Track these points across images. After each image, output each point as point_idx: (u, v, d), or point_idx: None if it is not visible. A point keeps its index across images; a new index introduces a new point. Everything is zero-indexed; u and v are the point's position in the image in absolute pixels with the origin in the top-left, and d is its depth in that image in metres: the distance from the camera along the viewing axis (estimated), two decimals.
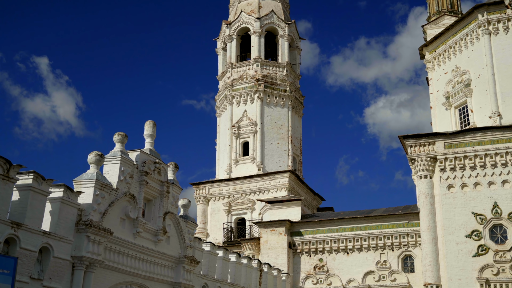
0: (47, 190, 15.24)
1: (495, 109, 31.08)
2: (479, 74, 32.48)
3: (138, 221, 18.92)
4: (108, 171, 18.47)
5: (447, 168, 30.48)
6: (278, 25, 44.92)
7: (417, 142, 31.20)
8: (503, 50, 31.96)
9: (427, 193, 30.50)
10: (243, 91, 42.87)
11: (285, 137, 42.38)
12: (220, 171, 42.69)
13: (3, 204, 13.75)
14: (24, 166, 14.30)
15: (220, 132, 44.02)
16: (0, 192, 13.65)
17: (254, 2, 45.74)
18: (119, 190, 18.25)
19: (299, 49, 46.79)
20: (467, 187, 29.96)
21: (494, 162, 29.68)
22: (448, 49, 34.68)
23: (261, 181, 40.01)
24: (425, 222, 30.15)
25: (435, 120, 35.01)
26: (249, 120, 42.04)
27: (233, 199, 40.50)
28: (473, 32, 33.18)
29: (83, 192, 16.83)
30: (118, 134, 18.98)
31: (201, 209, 41.34)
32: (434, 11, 40.83)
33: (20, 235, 14.04)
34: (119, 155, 18.56)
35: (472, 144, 30.24)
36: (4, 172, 13.70)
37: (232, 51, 44.78)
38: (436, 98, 35.15)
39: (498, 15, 32.46)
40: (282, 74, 43.88)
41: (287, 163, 41.58)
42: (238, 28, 45.07)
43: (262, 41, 44.36)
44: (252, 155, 41.21)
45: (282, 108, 43.07)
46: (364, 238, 32.75)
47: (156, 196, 20.47)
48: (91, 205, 16.81)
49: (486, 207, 29.23)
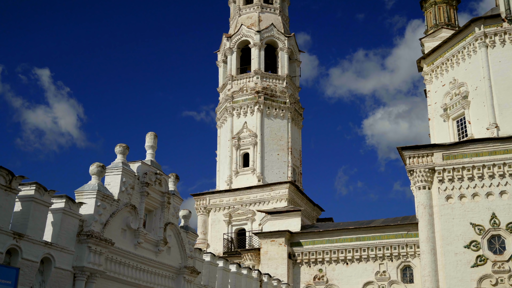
0: (49, 201, 15.21)
1: (492, 120, 31.10)
2: (476, 86, 32.54)
3: (139, 232, 18.86)
4: (109, 182, 18.44)
5: (445, 179, 30.44)
6: (277, 38, 45.06)
7: (416, 153, 31.18)
8: (500, 63, 32.03)
9: (425, 204, 30.44)
10: (243, 103, 42.91)
11: (285, 149, 42.37)
12: (221, 182, 42.64)
13: (5, 215, 13.71)
14: (27, 177, 14.28)
15: (221, 143, 44.01)
16: (2, 203, 13.62)
17: (254, 15, 45.92)
18: (120, 201, 18.21)
19: (298, 61, 46.91)
20: (465, 198, 29.90)
21: (492, 173, 29.65)
22: (446, 61, 34.77)
23: (261, 192, 39.93)
24: (424, 232, 30.06)
25: (433, 132, 35.02)
26: (249, 132, 42.05)
27: (234, 209, 40.40)
28: (470, 45, 33.29)
29: (85, 203, 16.80)
30: (119, 146, 18.97)
31: (202, 220, 41.23)
32: (432, 24, 40.99)
33: (22, 246, 13.99)
34: (121, 166, 18.54)
35: (470, 155, 30.23)
36: (7, 183, 13.67)
37: (233, 64, 44.89)
38: (434, 110, 35.18)
39: (495, 28, 32.58)
40: (281, 86, 43.95)
41: (287, 174, 41.53)
42: (238, 41, 45.21)
43: (262, 53, 44.48)
44: (252, 166, 41.18)
45: (282, 120, 43.10)
46: (363, 248, 32.64)
47: (157, 207, 20.43)
48: (92, 216, 16.76)
49: (484, 217, 29.16)
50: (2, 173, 13.53)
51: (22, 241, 14.00)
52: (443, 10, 41.33)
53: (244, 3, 47.19)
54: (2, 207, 13.61)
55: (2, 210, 13.59)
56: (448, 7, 41.42)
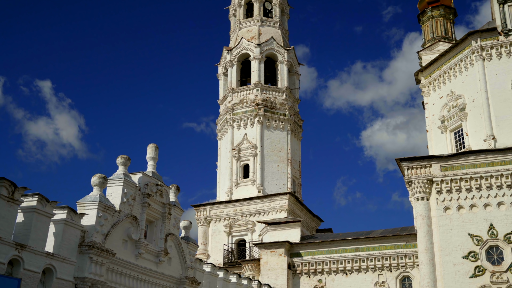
0: (51, 212, 15.19)
1: (489, 132, 31.12)
2: (473, 99, 32.59)
3: (140, 243, 18.81)
4: (111, 193, 18.42)
5: (443, 190, 30.40)
6: (277, 51, 45.22)
7: (414, 164, 31.17)
8: (496, 75, 32.11)
9: (424, 214, 30.37)
10: (244, 115, 42.96)
11: (285, 160, 42.35)
12: (221, 193, 42.58)
13: (7, 226, 13.69)
14: (29, 189, 14.27)
15: (221, 155, 44.00)
16: (4, 214, 13.59)
17: (254, 29, 46.10)
18: (121, 212, 18.18)
19: (298, 74, 47.03)
20: (463, 209, 29.85)
21: (489, 185, 29.62)
22: (443, 74, 34.85)
23: (261, 203, 39.87)
24: (422, 243, 29.97)
25: (431, 143, 35.03)
26: (249, 143, 42.05)
27: (234, 220, 40.32)
28: (467, 58, 33.39)
29: (87, 214, 16.77)
30: (121, 157, 18.97)
31: (202, 231, 41.13)
32: (429, 38, 41.18)
33: (24, 257, 13.94)
34: (122, 177, 18.53)
35: (467, 166, 30.22)
36: (9, 194, 13.66)
37: (233, 76, 45.01)
38: (431, 121, 35.22)
39: (491, 42, 32.69)
40: (281, 99, 44.03)
41: (287, 185, 41.49)
42: (238, 54, 45.36)
43: (262, 66, 44.61)
44: (252, 178, 41.13)
45: (281, 132, 43.12)
46: (362, 259, 32.54)
47: (158, 217, 20.39)
48: (94, 226, 16.73)
49: (482, 228, 29.08)
50: (4, 184, 13.52)
51: (24, 252, 13.95)
52: (440, 23, 41.54)
53: (244, 17, 47.40)
54: (5, 218, 13.58)
55: (4, 221, 13.56)
56: (445, 21, 41.65)
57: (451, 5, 42.61)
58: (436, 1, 42.14)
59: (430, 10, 41.82)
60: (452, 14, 42.34)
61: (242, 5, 47.60)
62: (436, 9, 41.81)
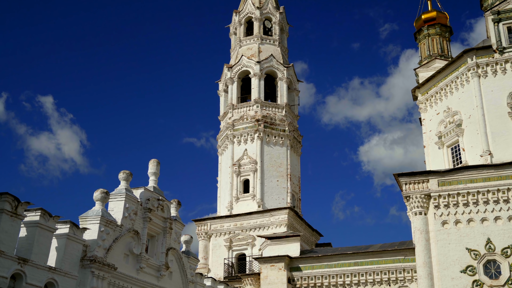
0: (53, 227, 15.14)
1: (486, 148, 31.13)
2: (469, 115, 32.65)
3: (142, 257, 18.72)
4: (113, 208, 18.39)
5: (441, 205, 30.33)
6: (277, 68, 45.38)
7: (412, 179, 31.13)
8: (492, 92, 32.21)
9: (422, 229, 30.26)
10: (244, 130, 42.98)
11: (284, 175, 42.28)
12: (221, 208, 42.46)
13: (10, 240, 13.63)
14: (32, 203, 14.25)
15: (222, 170, 43.94)
16: (8, 228, 13.54)
17: (254, 46, 46.31)
18: (123, 227, 18.12)
19: (297, 91, 47.14)
20: (461, 224, 29.75)
21: (486, 199, 29.55)
22: (440, 91, 34.97)
23: (261, 218, 39.72)
24: (420, 257, 29.81)
25: (428, 159, 35.02)
26: (249, 159, 42.02)
27: (234, 235, 40.15)
28: (463, 75, 33.52)
29: (89, 228, 16.72)
30: (123, 172, 18.96)
31: (203, 245, 40.95)
32: (426, 55, 41.39)
33: (26, 271, 13.86)
34: (124, 192, 18.50)
35: (464, 181, 30.18)
36: (13, 209, 13.62)
37: (233, 93, 45.12)
38: (429, 137, 35.25)
39: (487, 59, 32.85)
40: (281, 115, 44.09)
41: (286, 200, 41.37)
42: (239, 71, 45.52)
43: (262, 83, 44.73)
44: (252, 192, 41.04)
45: (281, 147, 43.10)
46: (361, 273, 32.33)
47: (159, 232, 20.32)
48: (96, 241, 16.66)
49: (479, 243, 28.96)
50: (8, 199, 13.49)
51: (26, 266, 13.88)
52: (436, 41, 41.79)
53: (245, 35, 47.65)
54: (8, 232, 13.53)
55: (7, 235, 13.51)
56: (441, 39, 41.91)
57: (447, 23, 42.90)
58: (432, 20, 42.43)
59: (427, 28, 42.10)
60: (448, 32, 42.62)
61: (242, 23, 47.88)
62: (432, 27, 42.10)
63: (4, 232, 13.37)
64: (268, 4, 48.09)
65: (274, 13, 47.95)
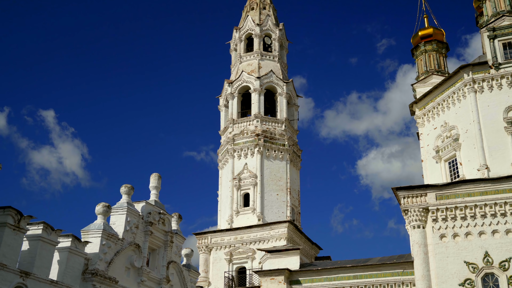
0: (55, 240, 15.07)
1: (483, 162, 31.12)
2: (466, 129, 32.69)
3: (143, 270, 18.62)
4: (114, 221, 18.33)
5: (439, 218, 30.24)
6: (276, 83, 45.52)
7: (410, 193, 31.07)
8: (488, 107, 32.28)
9: (420, 242, 30.14)
10: (244, 145, 42.99)
11: (284, 189, 42.21)
12: (222, 221, 42.33)
13: (13, 254, 13.56)
14: (35, 217, 14.20)
15: (222, 184, 43.88)
16: (10, 242, 13.48)
17: (254, 62, 46.49)
18: (125, 240, 18.04)
19: (296, 105, 47.24)
20: (459, 237, 29.63)
21: (483, 213, 29.47)
22: (437, 106, 35.05)
23: (261, 231, 39.58)
24: (419, 271, 29.65)
25: (426, 173, 34.99)
26: (249, 173, 41.98)
27: (234, 248, 39.98)
28: (459, 90, 33.62)
29: (90, 241, 16.65)
30: (125, 186, 18.93)
31: (204, 258, 40.75)
32: (423, 71, 41.58)
33: (28, 284, 13.78)
34: (126, 206, 18.46)
35: (462, 195, 30.12)
36: (15, 222, 13.57)
37: (234, 108, 45.20)
38: (426, 152, 35.26)
39: (483, 75, 32.97)
40: (280, 130, 44.13)
41: (286, 214, 41.26)
42: (239, 87, 45.65)
43: (262, 98, 44.85)
44: (253, 206, 40.95)
45: (281, 161, 43.08)
46: (360, 286, 32.14)
47: (160, 245, 20.23)
48: (97, 254, 16.59)
49: (477, 256, 28.82)
50: (11, 213, 13.44)
51: (28, 279, 13.79)
52: (433, 57, 42.00)
53: (245, 51, 47.87)
54: (10, 246, 13.47)
55: (10, 249, 13.45)
56: (437, 55, 42.12)
57: (444, 40, 43.15)
58: (429, 36, 42.69)
59: (423, 44, 42.33)
60: (445, 48, 42.85)
61: (242, 40, 48.13)
62: (429, 44, 42.34)
63: (6, 245, 13.31)
64: (268, 21, 48.37)
65: (273, 29, 48.21)
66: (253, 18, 48.39)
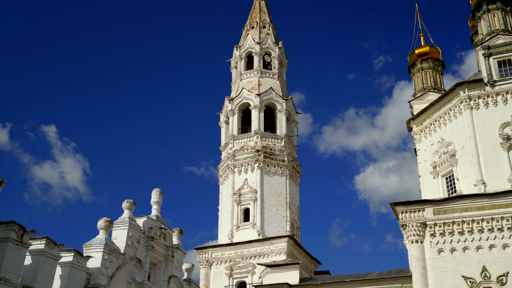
0: (58, 255, 14.99)
1: (479, 177, 31.07)
2: (463, 145, 32.68)
3: (144, 285, 18.48)
4: (116, 236, 18.25)
5: (436, 233, 30.10)
6: (276, 100, 45.65)
7: (408, 208, 30.95)
8: (484, 124, 32.31)
9: (418, 257, 29.95)
10: (244, 161, 42.98)
11: (284, 204, 42.10)
12: (222, 236, 42.16)
13: (15, 268, 13.47)
14: (37, 232, 14.13)
15: (223, 199, 43.78)
16: (13, 257, 13.40)
17: (254, 80, 46.66)
18: (126, 255, 17.94)
19: (296, 122, 47.31)
20: (457, 252, 29.46)
21: (481, 228, 29.33)
22: (434, 122, 35.10)
23: (261, 246, 39.41)
24: (417, 285, 29.41)
25: (423, 188, 34.91)
26: (249, 188, 41.91)
27: (235, 263, 39.76)
28: (456, 107, 33.69)
29: (92, 256, 16.55)
30: (127, 201, 18.87)
31: (204, 273, 40.51)
32: (419, 88, 41.72)
33: None
34: (127, 221, 18.39)
35: (459, 210, 30.00)
36: (18, 237, 13.50)
37: (234, 124, 45.28)
38: (424, 167, 35.22)
39: (478, 92, 33.08)
40: (280, 145, 44.14)
41: (286, 229, 41.10)
42: (239, 103, 45.79)
43: (262, 115, 44.93)
44: (253, 221, 40.81)
45: (280, 177, 43.03)
46: None
47: (161, 260, 20.11)
48: (99, 269, 16.49)
49: (475, 270, 28.62)
50: (14, 228, 13.38)
51: None
52: (430, 75, 42.18)
53: (245, 68, 48.07)
54: (13, 260, 13.38)
55: (12, 263, 13.36)
56: (434, 72, 42.31)
57: (439, 58, 43.37)
58: (425, 55, 42.92)
59: (420, 62, 42.54)
60: (441, 66, 43.05)
61: (243, 58, 48.37)
62: (426, 61, 42.54)
63: (9, 260, 13.23)
64: (268, 40, 48.66)
65: (273, 48, 48.48)
66: (253, 36, 48.67)
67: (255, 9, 51.39)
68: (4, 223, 13.11)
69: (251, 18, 50.95)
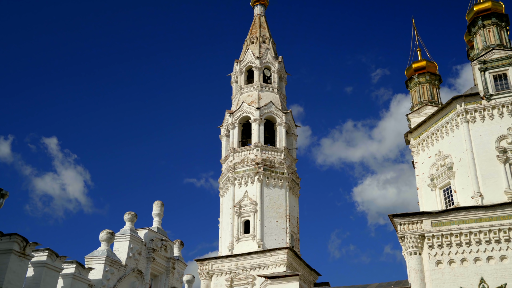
0: (60, 267, 14.91)
1: (476, 190, 31.03)
2: (460, 158, 32.68)
3: None
4: (118, 248, 18.18)
5: (434, 245, 29.98)
6: (276, 114, 45.71)
7: (406, 220, 30.87)
8: (481, 136, 32.35)
9: (417, 269, 29.81)
10: (244, 173, 42.94)
11: (283, 216, 41.99)
12: (223, 248, 41.99)
13: (18, 280, 13.40)
14: (40, 244, 14.07)
15: (223, 211, 43.67)
16: (16, 268, 13.33)
17: (254, 93, 46.76)
18: (127, 266, 17.85)
19: (295, 135, 47.34)
20: (455, 263, 29.33)
21: (478, 240, 29.23)
22: (431, 135, 35.14)
23: (261, 258, 39.21)
24: None
25: (421, 200, 34.85)
26: (249, 200, 41.83)
27: (235, 274, 39.56)
28: (452, 120, 33.76)
29: (94, 268, 16.47)
30: (128, 213, 18.83)
31: (205, 284, 40.28)
32: (417, 102, 41.83)
33: None
34: (129, 233, 18.33)
35: (457, 222, 29.92)
36: (21, 249, 13.45)
37: (235, 137, 45.30)
38: (421, 179, 35.19)
39: (475, 105, 33.17)
40: (280, 158, 44.13)
41: (285, 240, 40.95)
42: (240, 117, 45.84)
43: (262, 128, 44.96)
44: (253, 233, 40.67)
45: (280, 189, 42.96)
46: None
47: (162, 272, 20.02)
48: (101, 280, 16.40)
49: (473, 282, 28.47)
50: (16, 240, 13.33)
51: None
52: (427, 89, 42.32)
53: (245, 82, 48.20)
54: (16, 272, 13.31)
55: (15, 275, 13.29)
56: (431, 86, 42.46)
57: (436, 72, 43.55)
58: (422, 69, 43.11)
59: (417, 76, 42.71)
60: (438, 80, 43.22)
61: (243, 72, 48.53)
62: (423, 76, 42.72)
63: (12, 272, 13.16)
64: (268, 54, 48.85)
65: (273, 62, 48.66)
66: (253, 51, 48.87)
67: (255, 24, 51.66)
68: (7, 235, 13.06)
69: (251, 33, 51.20)
